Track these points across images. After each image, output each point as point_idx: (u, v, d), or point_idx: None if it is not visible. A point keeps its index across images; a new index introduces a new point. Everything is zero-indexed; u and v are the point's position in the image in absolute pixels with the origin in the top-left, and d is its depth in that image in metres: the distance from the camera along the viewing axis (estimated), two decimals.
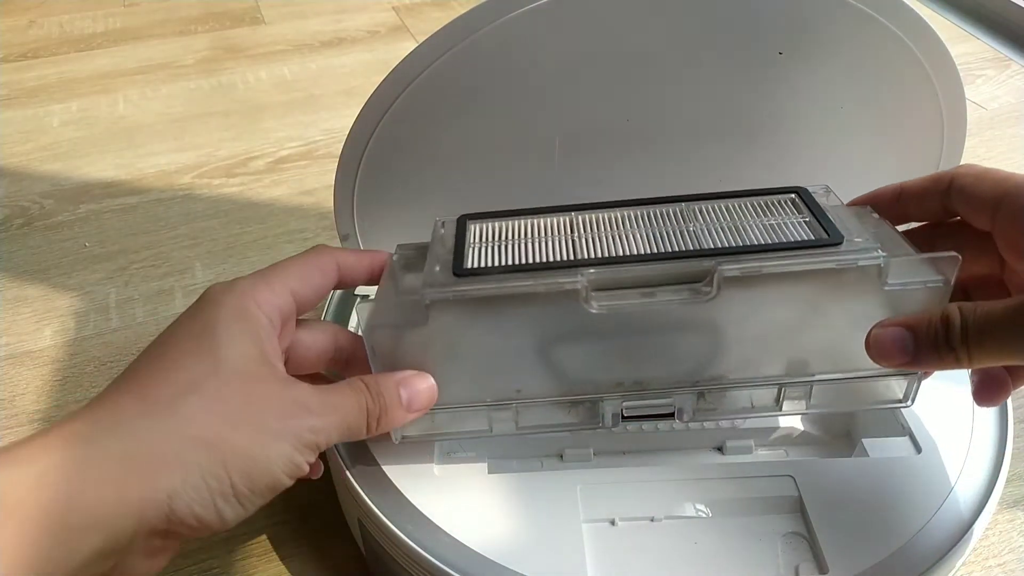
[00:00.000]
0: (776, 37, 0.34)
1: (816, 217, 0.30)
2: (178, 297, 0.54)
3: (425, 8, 0.95)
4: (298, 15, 0.94)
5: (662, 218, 0.32)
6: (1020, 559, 0.37)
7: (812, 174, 0.39)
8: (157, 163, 0.68)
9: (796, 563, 0.30)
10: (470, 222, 0.32)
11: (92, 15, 0.95)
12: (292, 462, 0.26)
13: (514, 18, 0.32)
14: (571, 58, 0.34)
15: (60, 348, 0.50)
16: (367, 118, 0.34)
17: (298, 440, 0.26)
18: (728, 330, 0.29)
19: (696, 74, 0.35)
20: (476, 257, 0.30)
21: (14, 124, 0.74)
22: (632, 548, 0.30)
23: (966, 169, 0.30)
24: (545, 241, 0.31)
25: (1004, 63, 0.79)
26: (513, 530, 0.30)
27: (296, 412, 0.26)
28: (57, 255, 0.58)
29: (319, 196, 0.63)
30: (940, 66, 0.35)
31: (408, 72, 0.33)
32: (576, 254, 0.30)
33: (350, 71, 0.82)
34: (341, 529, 0.38)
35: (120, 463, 0.23)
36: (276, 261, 0.31)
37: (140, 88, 0.79)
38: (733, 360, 0.30)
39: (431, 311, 0.28)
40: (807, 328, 0.29)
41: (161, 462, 0.23)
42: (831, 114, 0.37)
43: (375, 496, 0.32)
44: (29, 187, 0.66)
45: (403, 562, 0.31)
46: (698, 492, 0.32)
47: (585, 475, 0.33)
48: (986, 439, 0.34)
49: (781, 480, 0.32)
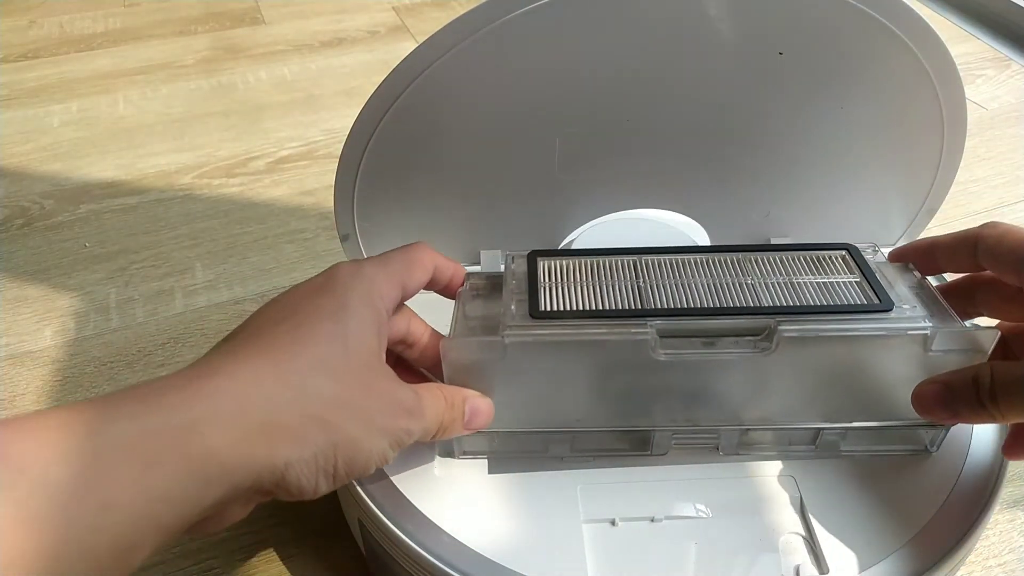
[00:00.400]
0: (776, 37, 0.34)
1: (866, 278, 0.32)
2: (178, 297, 0.54)
3: (425, 8, 0.95)
4: (298, 15, 0.94)
5: (720, 267, 0.34)
6: (1020, 559, 0.37)
7: (812, 174, 0.39)
8: (157, 163, 0.68)
9: (796, 563, 0.30)
10: (540, 259, 0.34)
11: (92, 15, 0.95)
12: (384, 457, 0.27)
13: (514, 18, 0.32)
14: (571, 58, 0.34)
15: (60, 348, 0.50)
16: (367, 118, 0.34)
17: (395, 439, 0.28)
18: (779, 381, 0.31)
19: (696, 74, 0.35)
20: (550, 299, 0.32)
21: (14, 124, 0.74)
22: (632, 548, 0.30)
23: (990, 229, 0.32)
24: (613, 285, 0.33)
25: (1004, 63, 0.79)
26: (513, 530, 0.31)
27: (399, 413, 0.28)
28: (57, 255, 0.58)
29: (319, 196, 0.63)
30: (940, 66, 0.35)
31: (408, 72, 0.33)
32: (643, 301, 0.32)
33: (350, 71, 0.82)
34: (341, 529, 0.38)
35: (258, 427, 0.24)
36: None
37: (140, 88, 0.79)
38: (779, 405, 0.32)
39: (508, 349, 0.30)
40: (852, 381, 0.32)
41: (287, 433, 0.25)
42: (831, 114, 0.37)
43: (375, 496, 0.32)
44: (29, 187, 0.66)
45: (403, 562, 0.31)
46: (698, 492, 0.32)
47: (585, 475, 0.33)
48: (986, 439, 0.34)
49: (781, 480, 0.32)
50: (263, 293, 0.54)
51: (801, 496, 0.31)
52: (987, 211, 0.60)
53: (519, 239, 0.41)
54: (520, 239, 0.41)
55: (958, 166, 0.39)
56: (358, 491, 0.32)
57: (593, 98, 0.36)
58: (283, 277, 0.55)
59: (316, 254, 0.57)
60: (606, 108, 0.36)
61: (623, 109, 0.36)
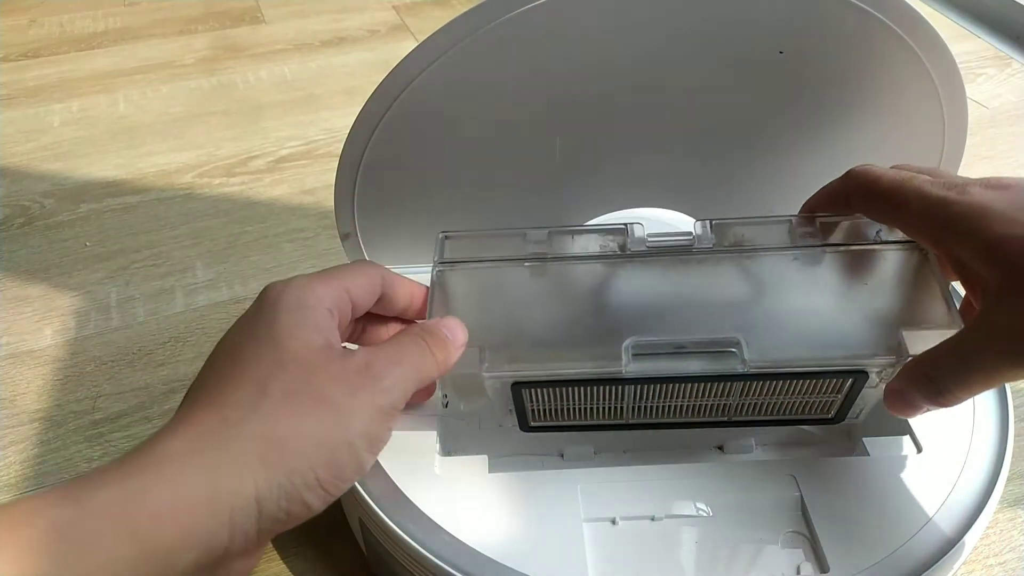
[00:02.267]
0: (776, 36, 0.34)
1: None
2: (179, 296, 0.54)
3: (425, 7, 0.95)
4: (298, 14, 0.94)
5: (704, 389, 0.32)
6: (1021, 558, 0.37)
7: (812, 174, 0.39)
8: (157, 162, 0.68)
9: (797, 563, 0.30)
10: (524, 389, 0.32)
11: (93, 15, 0.95)
12: (371, 437, 0.26)
13: (514, 17, 0.32)
14: (572, 57, 0.34)
15: (61, 347, 0.51)
16: (368, 117, 0.34)
17: (372, 409, 0.26)
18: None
19: (696, 73, 0.35)
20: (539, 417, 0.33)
21: (15, 124, 0.74)
22: (633, 547, 0.30)
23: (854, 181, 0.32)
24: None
25: (1005, 61, 0.79)
26: (514, 529, 0.31)
27: (362, 381, 0.26)
28: (58, 254, 0.58)
29: (319, 195, 0.63)
30: (941, 65, 0.35)
31: (409, 71, 0.33)
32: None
33: (350, 70, 0.82)
34: (342, 528, 0.38)
35: (208, 478, 0.23)
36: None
37: (140, 88, 0.79)
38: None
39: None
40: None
41: (245, 469, 0.24)
42: (831, 113, 0.37)
43: (376, 495, 0.32)
44: (30, 186, 0.66)
45: (404, 561, 0.31)
46: (699, 491, 0.32)
47: (586, 474, 0.33)
48: (987, 437, 0.34)
49: (782, 479, 0.32)
50: None
51: (801, 495, 0.31)
52: None
53: None
54: None
55: (959, 165, 0.39)
56: (359, 490, 0.32)
57: (593, 97, 0.36)
58: (283, 276, 0.54)
59: (316, 253, 0.57)
60: (606, 107, 0.36)
61: (623, 108, 0.36)
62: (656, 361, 0.30)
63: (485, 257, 0.34)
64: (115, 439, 0.44)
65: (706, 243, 0.33)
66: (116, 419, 0.45)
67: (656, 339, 0.30)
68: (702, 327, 0.31)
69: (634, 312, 0.32)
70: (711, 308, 0.32)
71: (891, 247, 0.32)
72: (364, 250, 0.40)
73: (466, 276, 0.34)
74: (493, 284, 0.34)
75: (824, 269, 0.33)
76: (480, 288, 0.34)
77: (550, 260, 0.34)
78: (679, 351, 0.30)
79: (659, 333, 0.30)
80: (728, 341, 0.30)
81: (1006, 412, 0.34)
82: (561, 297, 0.33)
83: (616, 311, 0.32)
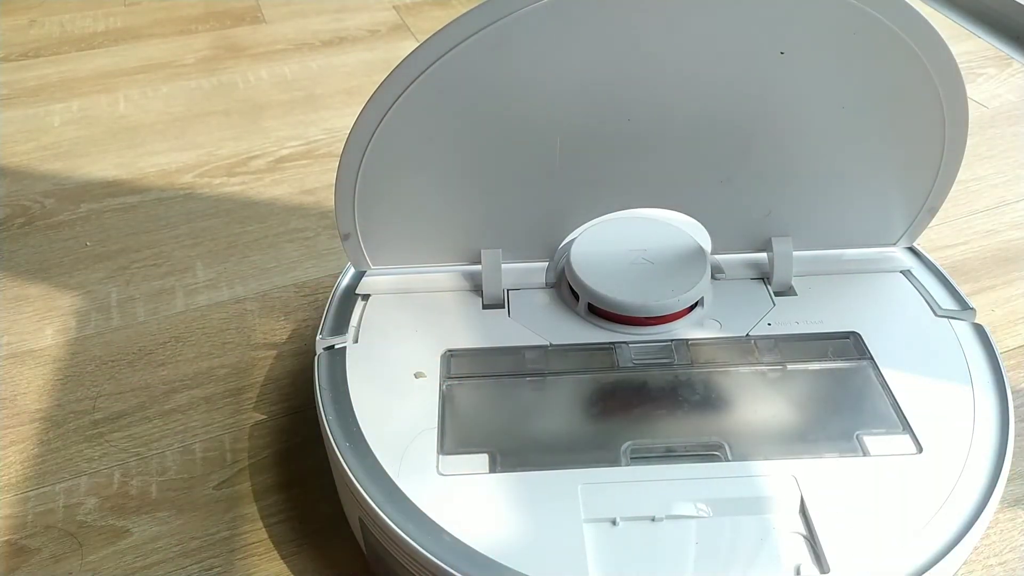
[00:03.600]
0: (777, 37, 0.34)
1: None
2: (179, 296, 0.54)
3: (426, 7, 0.95)
4: (299, 14, 0.94)
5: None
6: (1021, 557, 0.37)
7: (812, 175, 0.39)
8: (158, 162, 0.68)
9: (797, 563, 0.30)
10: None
11: (93, 14, 0.95)
12: None
13: (514, 18, 0.32)
14: (572, 57, 0.34)
15: (61, 347, 0.51)
16: (368, 117, 0.34)
17: None
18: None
19: (697, 74, 0.35)
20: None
21: (15, 124, 0.74)
22: (633, 547, 0.30)
23: None
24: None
25: (1005, 61, 0.79)
26: (514, 529, 0.31)
27: None
28: (58, 254, 0.58)
29: (320, 195, 0.63)
30: (941, 65, 0.35)
31: (409, 71, 0.33)
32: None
33: (351, 70, 0.82)
34: (342, 527, 0.38)
35: None
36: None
37: (141, 87, 0.79)
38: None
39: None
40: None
41: None
42: (831, 114, 0.37)
43: (376, 494, 0.32)
44: (30, 186, 0.66)
45: (404, 561, 0.31)
46: (699, 492, 0.32)
47: (586, 474, 0.33)
48: (987, 437, 0.34)
49: (782, 480, 0.32)
50: (264, 292, 0.54)
51: (801, 495, 0.31)
52: (988, 209, 0.60)
53: (519, 239, 0.41)
54: (520, 239, 0.41)
55: (959, 165, 0.39)
56: (359, 490, 0.32)
57: (593, 97, 0.36)
58: (284, 276, 0.55)
59: (317, 253, 0.57)
60: (606, 107, 0.36)
61: (624, 108, 0.36)
62: (650, 465, 0.33)
63: (488, 373, 0.37)
64: (115, 439, 0.44)
65: (684, 361, 0.38)
66: (116, 419, 0.45)
67: (650, 442, 0.34)
68: (688, 431, 0.35)
69: (626, 419, 0.35)
70: (693, 415, 0.36)
71: (842, 362, 0.37)
72: (364, 250, 0.40)
73: (473, 390, 0.37)
74: (498, 397, 0.37)
75: (787, 382, 0.37)
76: (487, 400, 0.37)
77: (548, 376, 0.37)
78: (670, 453, 0.34)
79: (652, 437, 0.34)
80: (713, 444, 0.34)
81: (1006, 412, 0.34)
82: (560, 407, 0.36)
83: (610, 418, 0.36)
